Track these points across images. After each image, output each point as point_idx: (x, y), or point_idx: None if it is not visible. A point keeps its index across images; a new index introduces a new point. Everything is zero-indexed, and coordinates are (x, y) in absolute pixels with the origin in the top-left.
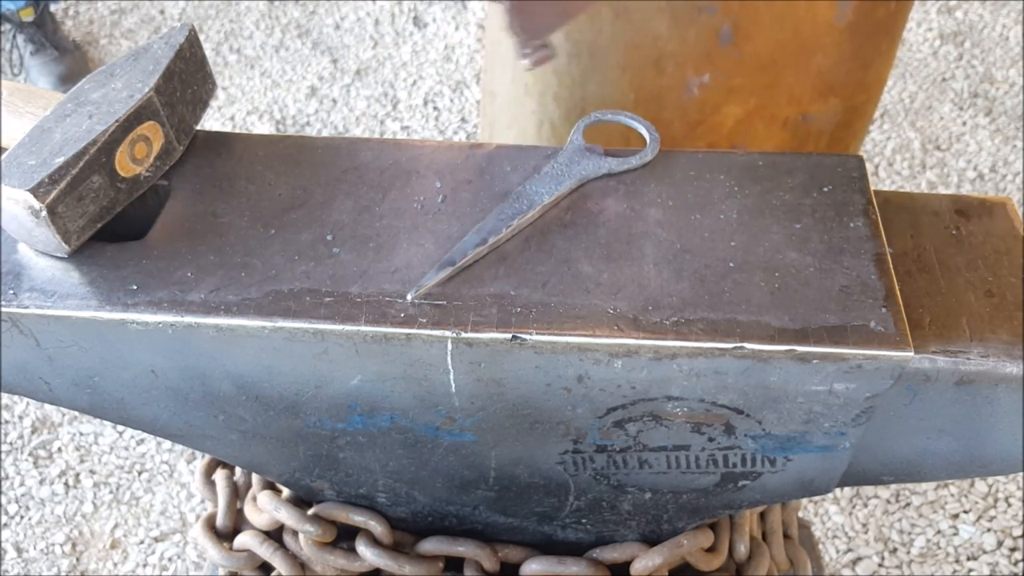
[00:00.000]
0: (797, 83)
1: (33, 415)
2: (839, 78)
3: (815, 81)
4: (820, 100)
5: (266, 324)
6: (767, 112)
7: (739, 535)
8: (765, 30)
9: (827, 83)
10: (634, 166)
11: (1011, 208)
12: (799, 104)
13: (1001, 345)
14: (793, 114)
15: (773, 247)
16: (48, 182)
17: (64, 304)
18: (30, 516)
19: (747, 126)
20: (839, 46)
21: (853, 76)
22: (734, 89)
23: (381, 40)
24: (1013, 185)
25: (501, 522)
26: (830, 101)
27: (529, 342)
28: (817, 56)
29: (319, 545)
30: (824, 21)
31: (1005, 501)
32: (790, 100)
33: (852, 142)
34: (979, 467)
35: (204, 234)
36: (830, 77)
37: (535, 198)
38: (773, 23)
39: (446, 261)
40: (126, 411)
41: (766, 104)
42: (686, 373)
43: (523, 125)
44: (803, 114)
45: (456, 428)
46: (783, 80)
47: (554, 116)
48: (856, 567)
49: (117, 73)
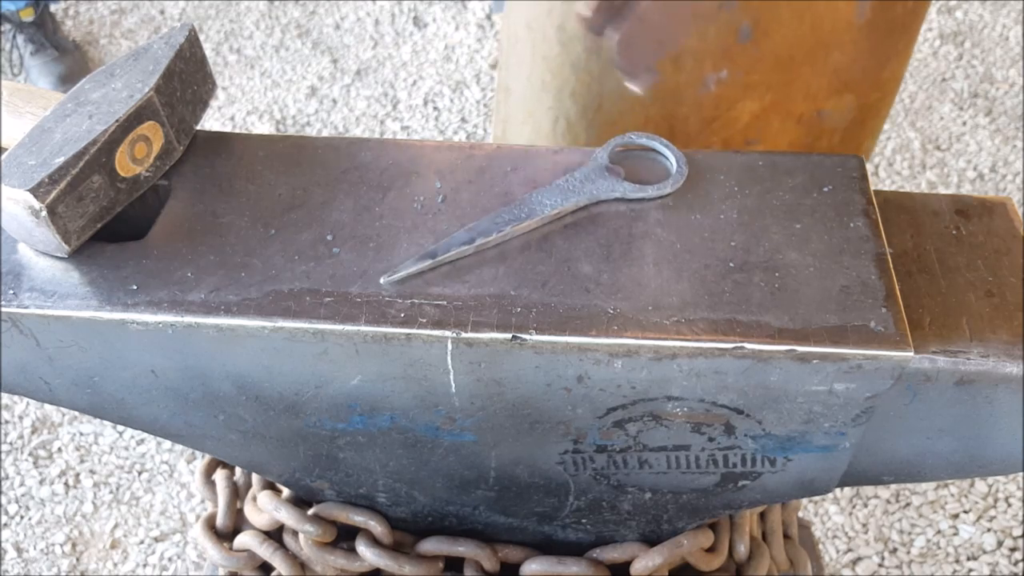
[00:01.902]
0: (814, 79)
1: (33, 415)
2: (855, 75)
3: (831, 78)
4: (835, 97)
5: (266, 324)
6: (783, 108)
7: (739, 535)
8: (784, 27)
9: (843, 80)
10: (650, 196)
11: (1011, 208)
12: (815, 100)
13: (1001, 345)
14: (808, 110)
15: (773, 247)
16: (48, 182)
17: (64, 304)
18: (30, 516)
19: (762, 122)
20: (856, 43)
21: (869, 74)
22: (751, 85)
23: (381, 40)
24: (1013, 185)
25: (501, 522)
26: (845, 98)
27: (529, 342)
28: (835, 53)
29: (319, 545)
30: (843, 18)
31: (1005, 501)
32: (806, 96)
33: (866, 140)
34: (979, 467)
35: (204, 234)
36: (846, 74)
37: (537, 208)
38: (792, 20)
39: (428, 253)
40: (126, 411)
41: (782, 100)
42: (686, 373)
43: (538, 121)
44: (818, 110)
45: (456, 428)
46: (800, 76)
47: (570, 112)
48: (856, 567)
49: (117, 73)
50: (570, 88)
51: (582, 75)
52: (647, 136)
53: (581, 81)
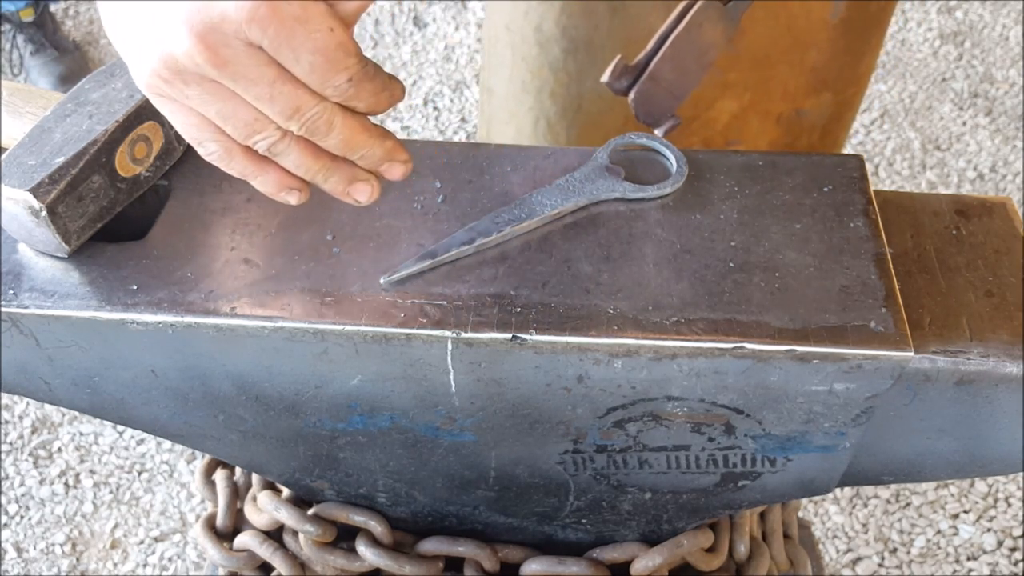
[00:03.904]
0: (791, 78)
1: (33, 415)
2: (832, 73)
3: (809, 76)
4: (814, 95)
5: (266, 324)
6: (761, 107)
7: (739, 535)
8: (759, 25)
9: (821, 78)
10: (650, 196)
11: (1011, 208)
12: (793, 100)
13: (1001, 345)
14: (787, 109)
15: (773, 247)
16: (48, 182)
17: (64, 304)
18: (30, 516)
19: (741, 121)
20: (833, 42)
21: (846, 70)
22: (729, 84)
23: (381, 40)
24: (1013, 185)
25: (501, 522)
26: (823, 96)
27: (529, 342)
28: (811, 52)
29: (319, 545)
30: (818, 18)
31: (1005, 501)
32: (784, 95)
33: (841, 133)
34: (979, 467)
35: (204, 234)
36: (824, 72)
37: (537, 208)
38: (767, 19)
39: (428, 253)
40: (126, 411)
41: (760, 99)
42: (686, 373)
43: (520, 122)
44: (797, 109)
45: (456, 428)
46: (777, 75)
47: (550, 113)
48: (856, 567)
49: (117, 73)
50: (549, 89)
51: (560, 76)
52: (647, 136)
53: (560, 82)
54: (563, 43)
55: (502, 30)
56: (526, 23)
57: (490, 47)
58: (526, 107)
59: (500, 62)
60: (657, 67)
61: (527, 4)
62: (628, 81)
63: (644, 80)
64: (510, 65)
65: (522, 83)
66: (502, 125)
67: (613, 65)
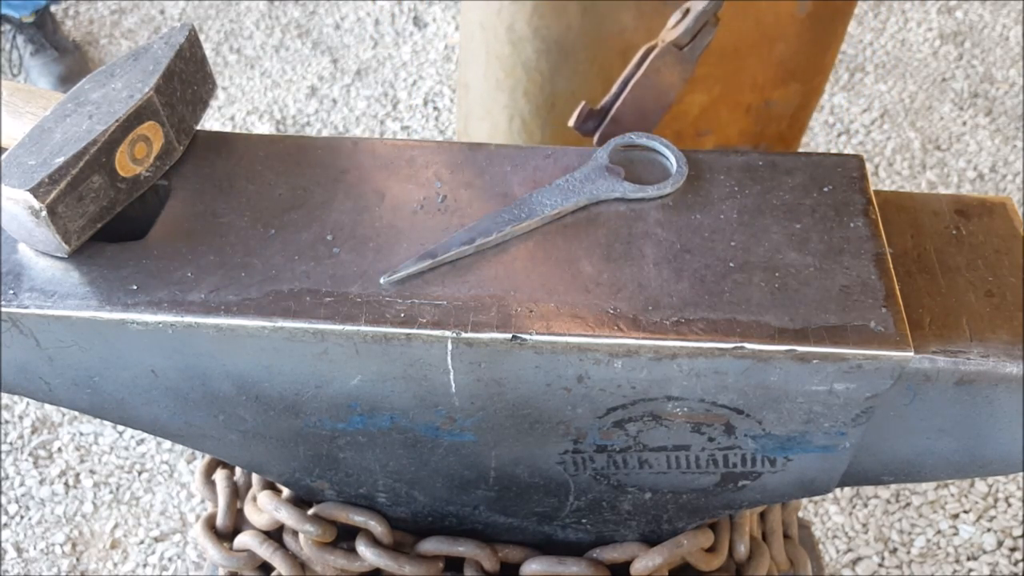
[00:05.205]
0: (760, 71)
1: (33, 415)
2: (800, 64)
3: (777, 68)
4: (782, 86)
5: (266, 324)
6: (731, 99)
7: (739, 535)
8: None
9: (788, 70)
10: (650, 196)
11: (1011, 208)
12: (762, 91)
13: (1001, 345)
14: (756, 100)
15: (773, 247)
16: (48, 182)
17: (64, 304)
18: (30, 516)
19: (712, 113)
20: (800, 35)
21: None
22: (699, 78)
23: (381, 40)
24: (1013, 185)
25: (501, 522)
26: (791, 86)
27: (529, 342)
28: (779, 45)
29: (319, 545)
30: (785, 13)
31: (1005, 501)
32: (753, 87)
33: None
34: (979, 467)
35: (204, 234)
36: (791, 64)
37: (537, 208)
38: (735, 15)
39: (427, 253)
40: (126, 411)
41: (730, 91)
42: (686, 373)
43: (495, 119)
44: (766, 100)
45: (456, 428)
46: (746, 68)
47: (524, 111)
48: (856, 567)
49: (117, 73)
50: (523, 88)
51: (534, 75)
52: (647, 136)
53: (533, 81)
54: (535, 43)
55: (476, 27)
56: (499, 22)
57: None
58: (500, 105)
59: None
60: (619, 111)
61: (500, 3)
62: (593, 124)
63: (608, 123)
64: (484, 63)
65: (496, 81)
66: (478, 120)
67: (578, 111)
